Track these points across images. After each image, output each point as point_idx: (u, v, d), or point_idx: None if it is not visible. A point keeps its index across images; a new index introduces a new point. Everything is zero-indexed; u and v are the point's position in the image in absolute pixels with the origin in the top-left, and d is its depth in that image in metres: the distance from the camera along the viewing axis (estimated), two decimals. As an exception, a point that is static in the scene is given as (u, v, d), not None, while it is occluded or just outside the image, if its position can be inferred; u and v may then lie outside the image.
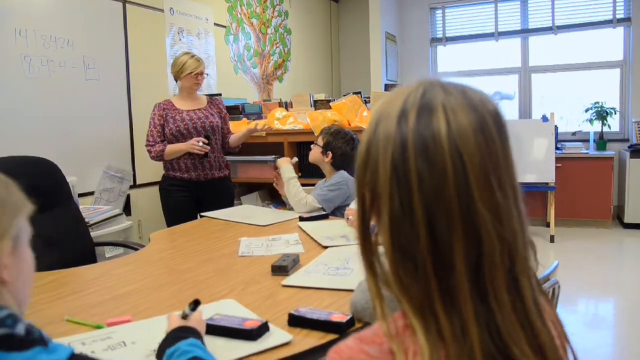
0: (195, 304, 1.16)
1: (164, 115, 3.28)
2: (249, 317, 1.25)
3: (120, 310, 1.40)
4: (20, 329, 0.73)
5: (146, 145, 3.27)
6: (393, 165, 0.60)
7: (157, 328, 1.18)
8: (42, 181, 2.24)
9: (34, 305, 1.47)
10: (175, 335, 1.05)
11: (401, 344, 0.60)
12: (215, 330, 1.19)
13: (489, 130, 0.61)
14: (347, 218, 2.13)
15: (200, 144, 3.16)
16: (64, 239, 2.25)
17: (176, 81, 3.37)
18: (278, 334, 1.20)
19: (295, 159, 2.85)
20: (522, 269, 0.62)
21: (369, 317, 1.24)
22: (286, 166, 2.75)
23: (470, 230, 0.59)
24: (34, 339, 0.74)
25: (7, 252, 0.78)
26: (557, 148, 5.48)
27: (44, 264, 1.94)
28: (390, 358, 0.60)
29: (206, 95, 3.60)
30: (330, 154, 2.72)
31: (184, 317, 1.14)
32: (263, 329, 1.19)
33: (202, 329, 1.13)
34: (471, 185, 0.58)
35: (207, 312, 1.24)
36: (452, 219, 0.58)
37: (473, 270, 0.59)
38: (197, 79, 3.27)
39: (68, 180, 2.45)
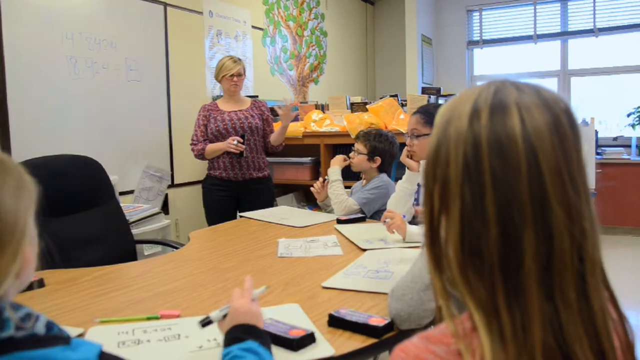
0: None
1: (208, 116, 3.40)
2: (298, 326, 1.22)
3: (165, 307, 1.43)
4: (39, 328, 0.72)
5: (190, 144, 3.43)
6: (465, 163, 0.61)
7: (214, 324, 1.21)
8: (88, 179, 2.31)
9: (83, 299, 1.52)
10: (234, 336, 1.05)
11: (469, 345, 0.60)
12: None
13: (563, 129, 0.61)
14: (384, 221, 2.12)
15: (235, 142, 3.22)
16: (108, 236, 2.31)
17: (219, 83, 3.46)
18: (321, 347, 1.17)
19: (345, 162, 2.82)
20: (591, 271, 0.61)
21: (416, 321, 1.24)
22: (336, 168, 2.74)
23: (542, 227, 0.59)
24: (54, 337, 0.73)
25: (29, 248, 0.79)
26: (597, 153, 5.36)
27: (90, 259, 2.01)
28: (458, 359, 0.60)
29: (250, 97, 3.65)
30: (379, 159, 2.70)
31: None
32: (307, 339, 1.17)
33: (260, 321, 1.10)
34: (545, 183, 0.59)
35: (266, 315, 1.20)
36: (524, 217, 0.58)
37: (542, 267, 0.59)
38: (234, 80, 3.34)
39: (110, 179, 2.52)
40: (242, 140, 3.26)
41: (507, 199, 0.59)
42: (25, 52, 2.93)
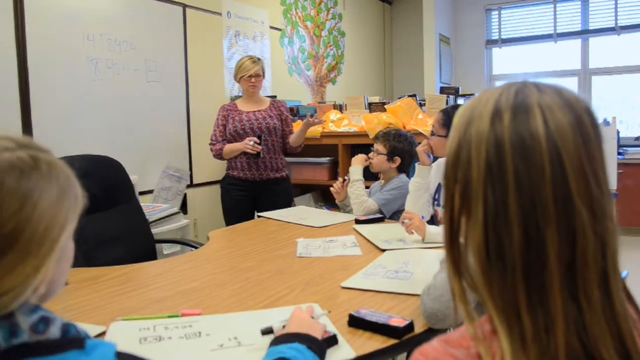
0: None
1: (226, 116, 3.42)
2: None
3: (186, 306, 1.44)
4: (54, 332, 0.69)
5: (209, 144, 3.44)
6: (487, 164, 0.61)
7: (234, 323, 1.24)
8: (109, 179, 2.33)
9: (104, 298, 1.54)
10: (283, 339, 1.06)
11: (489, 348, 0.60)
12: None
13: (585, 129, 0.61)
14: (403, 222, 2.11)
15: (252, 143, 3.22)
16: (129, 235, 2.33)
17: (238, 83, 3.48)
18: (342, 349, 1.16)
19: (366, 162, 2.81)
20: (613, 269, 0.61)
21: (450, 323, 1.23)
22: (357, 167, 2.74)
23: (565, 227, 0.58)
24: (68, 341, 0.70)
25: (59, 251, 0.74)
26: (618, 153, 5.28)
27: (111, 258, 2.02)
28: None
29: (269, 97, 3.65)
30: (398, 159, 2.69)
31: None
32: (330, 341, 1.16)
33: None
34: (569, 182, 0.58)
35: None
36: (547, 216, 0.58)
37: (566, 267, 0.59)
38: (252, 81, 3.35)
39: (130, 179, 2.55)
40: (258, 141, 3.26)
41: (531, 199, 0.59)
42: (48, 54, 2.97)
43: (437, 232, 2.01)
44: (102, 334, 1.26)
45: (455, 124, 0.67)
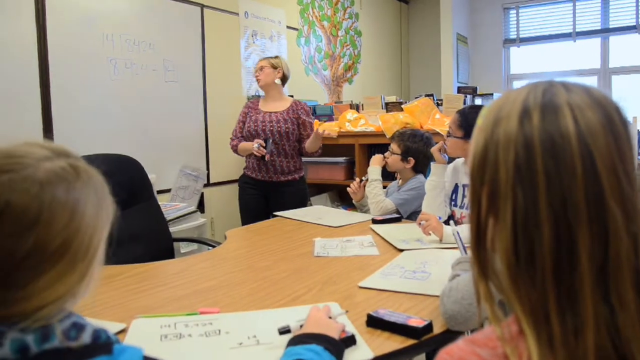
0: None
1: (247, 113, 3.44)
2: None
3: (204, 304, 1.45)
4: (85, 338, 0.70)
5: (230, 138, 3.48)
6: (516, 165, 0.60)
7: (252, 322, 1.24)
8: (129, 178, 2.36)
9: (124, 295, 1.55)
10: (300, 339, 1.06)
11: (515, 349, 0.59)
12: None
13: (616, 127, 0.60)
14: (420, 223, 2.10)
15: (257, 146, 3.20)
16: (147, 233, 2.36)
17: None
18: (361, 349, 1.16)
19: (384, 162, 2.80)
20: None
21: (470, 326, 1.23)
22: (376, 167, 2.74)
23: (598, 227, 0.58)
24: (98, 347, 0.71)
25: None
26: (639, 153, 5.20)
27: (130, 256, 2.04)
28: None
29: (292, 97, 3.61)
30: (412, 160, 2.69)
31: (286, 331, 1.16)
32: (348, 341, 1.16)
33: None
34: (602, 181, 0.58)
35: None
36: (579, 217, 0.57)
37: (598, 268, 0.58)
38: (256, 74, 3.39)
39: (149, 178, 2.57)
40: (264, 145, 3.24)
41: (562, 199, 0.58)
42: (68, 54, 3.01)
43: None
44: (123, 331, 1.27)
45: (480, 125, 0.66)
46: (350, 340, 1.16)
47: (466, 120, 2.19)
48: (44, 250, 0.67)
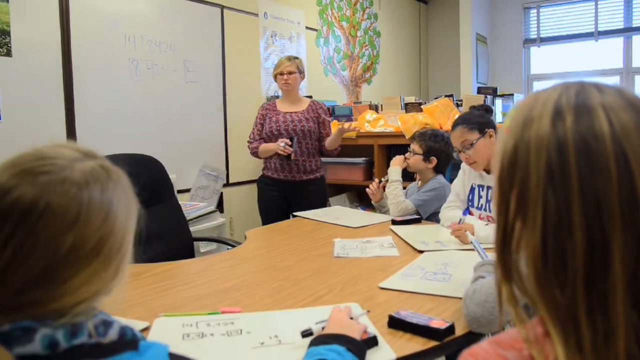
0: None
1: (265, 115, 3.44)
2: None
3: (225, 304, 1.46)
4: (112, 335, 0.72)
5: (247, 142, 3.48)
6: (548, 168, 0.59)
7: (274, 322, 1.25)
8: (151, 178, 2.39)
9: (147, 294, 1.57)
10: (322, 340, 1.07)
11: (541, 351, 0.59)
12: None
13: None
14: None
15: (283, 145, 3.22)
16: (168, 233, 2.38)
17: (275, 82, 3.51)
18: (383, 351, 1.15)
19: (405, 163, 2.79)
20: None
21: (492, 329, 1.22)
22: (397, 168, 2.73)
23: (632, 231, 0.56)
24: (125, 343, 0.72)
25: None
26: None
27: (151, 255, 2.06)
28: None
29: (309, 98, 3.65)
30: (434, 160, 2.67)
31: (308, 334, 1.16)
32: (370, 342, 1.16)
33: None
34: (636, 184, 0.56)
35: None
36: (613, 221, 0.56)
37: (631, 273, 0.56)
38: (284, 78, 3.36)
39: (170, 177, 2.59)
40: (290, 143, 3.26)
41: (596, 203, 0.56)
42: (91, 55, 3.05)
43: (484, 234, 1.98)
44: (146, 329, 1.28)
45: (508, 126, 0.65)
46: (372, 341, 1.16)
47: (475, 121, 2.19)
48: (81, 249, 0.69)
